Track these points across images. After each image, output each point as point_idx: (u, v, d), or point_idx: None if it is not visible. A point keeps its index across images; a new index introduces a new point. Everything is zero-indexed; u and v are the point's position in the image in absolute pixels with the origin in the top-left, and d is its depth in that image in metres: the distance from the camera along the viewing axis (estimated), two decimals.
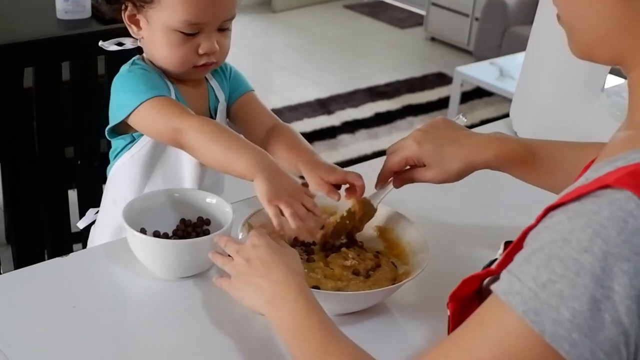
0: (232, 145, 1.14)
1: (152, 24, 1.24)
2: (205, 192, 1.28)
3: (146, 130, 1.24)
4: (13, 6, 2.47)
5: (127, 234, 1.16)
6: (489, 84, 3.75)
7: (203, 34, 1.24)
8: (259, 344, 1.06)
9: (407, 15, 5.85)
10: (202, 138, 1.16)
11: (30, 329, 1.06)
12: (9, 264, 2.02)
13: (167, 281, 1.17)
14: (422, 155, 1.14)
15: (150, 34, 1.26)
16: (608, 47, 0.81)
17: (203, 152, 1.18)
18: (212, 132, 1.17)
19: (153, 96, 1.21)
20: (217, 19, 1.23)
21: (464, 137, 1.15)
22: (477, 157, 1.12)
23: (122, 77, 1.27)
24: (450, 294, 0.88)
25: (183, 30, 1.22)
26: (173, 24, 1.22)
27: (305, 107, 4.16)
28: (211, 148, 1.16)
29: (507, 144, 1.14)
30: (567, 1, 0.82)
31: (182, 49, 1.24)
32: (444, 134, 1.15)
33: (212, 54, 1.25)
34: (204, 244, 1.15)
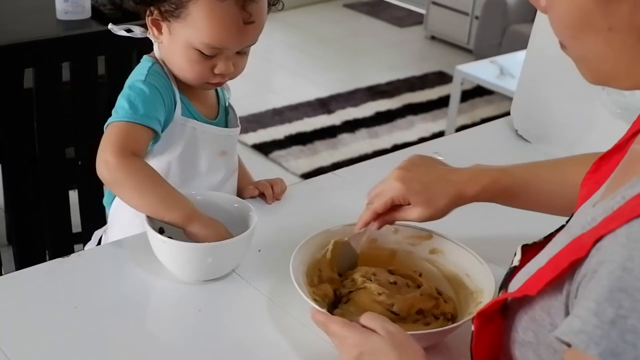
0: (165, 196, 1.19)
1: (174, 37, 1.25)
2: (227, 194, 1.30)
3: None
4: (13, 7, 2.46)
5: (149, 237, 1.16)
6: (490, 82, 3.75)
7: (222, 55, 1.25)
8: (277, 350, 1.05)
9: (407, 14, 5.85)
10: (134, 183, 1.18)
11: (32, 329, 1.06)
12: (10, 265, 2.02)
13: (168, 282, 1.17)
14: (409, 195, 1.11)
15: (170, 45, 1.26)
16: (628, 78, 0.77)
17: (130, 195, 1.20)
18: (146, 179, 1.19)
19: (137, 122, 1.21)
20: (239, 46, 1.25)
21: (448, 173, 1.14)
22: (465, 192, 1.11)
23: (136, 87, 1.25)
24: (477, 312, 0.87)
25: (204, 51, 1.23)
26: (194, 43, 1.22)
27: (305, 106, 4.16)
28: (143, 195, 1.18)
29: (492, 174, 1.13)
30: (581, 41, 0.78)
31: (199, 66, 1.25)
32: (426, 171, 1.14)
33: (227, 75, 1.27)
34: (224, 248, 1.16)
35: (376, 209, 1.14)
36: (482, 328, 0.86)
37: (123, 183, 1.19)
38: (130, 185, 1.19)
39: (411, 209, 1.12)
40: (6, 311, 1.10)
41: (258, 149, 3.66)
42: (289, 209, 1.39)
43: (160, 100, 1.25)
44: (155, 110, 1.24)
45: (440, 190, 1.11)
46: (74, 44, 1.88)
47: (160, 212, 1.18)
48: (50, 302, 1.11)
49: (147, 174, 1.20)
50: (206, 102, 1.36)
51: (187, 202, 1.20)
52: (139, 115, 1.22)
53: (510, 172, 1.14)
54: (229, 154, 1.37)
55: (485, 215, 1.28)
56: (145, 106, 1.23)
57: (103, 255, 1.25)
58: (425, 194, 1.11)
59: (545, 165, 1.18)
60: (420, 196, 1.11)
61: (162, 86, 1.27)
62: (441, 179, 1.13)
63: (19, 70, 1.80)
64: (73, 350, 1.03)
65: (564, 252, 0.76)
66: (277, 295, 1.14)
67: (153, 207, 1.18)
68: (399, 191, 1.11)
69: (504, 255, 1.05)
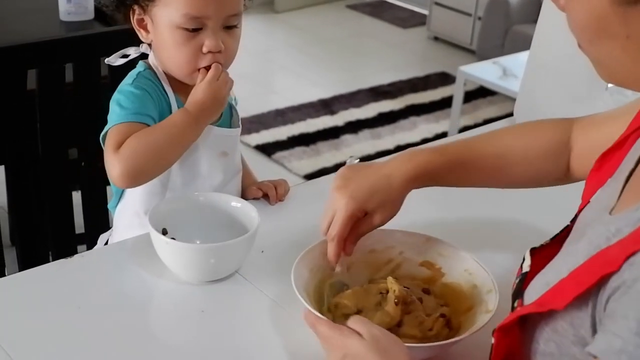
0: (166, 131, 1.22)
1: (157, 24, 1.25)
2: (230, 195, 1.29)
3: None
4: (16, 8, 2.47)
5: (153, 238, 1.16)
6: (492, 83, 3.75)
7: (207, 30, 1.23)
8: (280, 351, 1.05)
9: (410, 15, 5.85)
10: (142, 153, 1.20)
11: (35, 330, 1.06)
12: (14, 266, 2.02)
13: (171, 283, 1.17)
14: (362, 205, 1.08)
15: (157, 36, 1.26)
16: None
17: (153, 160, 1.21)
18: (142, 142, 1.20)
19: (129, 120, 1.22)
20: (220, 14, 1.23)
21: (380, 167, 1.11)
22: (404, 175, 1.08)
23: (124, 90, 1.27)
24: (498, 325, 0.85)
25: (186, 26, 1.22)
26: (176, 20, 1.22)
27: (308, 107, 4.16)
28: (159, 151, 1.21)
29: (424, 155, 1.10)
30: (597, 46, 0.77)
31: (187, 48, 1.24)
32: (362, 176, 1.10)
33: (216, 52, 1.25)
34: (227, 249, 1.15)
35: (341, 235, 1.08)
36: (501, 341, 0.85)
37: (136, 162, 1.19)
38: (144, 156, 1.20)
39: (371, 217, 1.09)
40: (9, 312, 1.10)
41: (261, 149, 3.66)
42: (292, 210, 1.39)
43: (149, 98, 1.26)
44: (146, 108, 1.25)
45: (384, 187, 1.08)
46: (77, 45, 1.88)
47: (182, 139, 1.24)
48: (53, 303, 1.11)
49: (139, 139, 1.20)
50: None
51: (180, 111, 1.24)
52: (130, 113, 1.23)
53: (444, 151, 1.12)
54: (230, 154, 1.37)
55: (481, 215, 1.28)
56: (134, 105, 1.24)
57: (106, 256, 1.25)
58: (376, 197, 1.08)
59: (480, 140, 1.15)
60: (373, 202, 1.08)
61: (151, 88, 1.27)
62: (378, 176, 1.09)
63: (22, 71, 1.80)
64: (76, 351, 1.03)
65: (590, 265, 0.75)
66: (280, 296, 1.14)
67: (174, 143, 1.23)
68: (351, 206, 1.07)
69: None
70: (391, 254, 1.17)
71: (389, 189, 1.09)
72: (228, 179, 1.38)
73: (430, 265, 1.15)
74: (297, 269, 1.08)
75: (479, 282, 1.09)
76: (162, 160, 1.22)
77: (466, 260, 1.13)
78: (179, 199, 1.27)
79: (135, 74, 1.29)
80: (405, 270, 1.16)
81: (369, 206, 1.09)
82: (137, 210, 1.33)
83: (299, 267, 1.09)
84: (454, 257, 1.14)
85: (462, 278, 1.12)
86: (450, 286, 1.13)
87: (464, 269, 1.12)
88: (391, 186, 1.09)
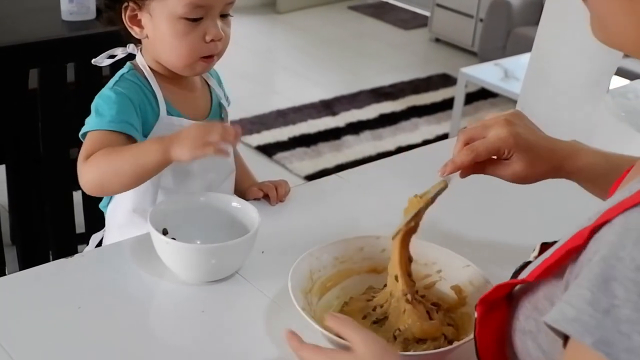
0: (133, 157, 1.18)
1: (156, 17, 1.24)
2: (231, 195, 1.29)
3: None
4: (18, 7, 2.47)
5: (153, 238, 1.16)
6: (494, 85, 3.75)
7: (207, 19, 1.24)
8: (280, 352, 1.05)
9: (411, 16, 5.85)
10: (104, 170, 1.18)
11: (35, 330, 1.06)
12: (14, 265, 2.02)
13: (172, 283, 1.17)
14: (516, 149, 1.04)
15: (155, 29, 1.26)
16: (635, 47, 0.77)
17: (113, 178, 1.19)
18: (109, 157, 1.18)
19: (107, 129, 1.22)
20: (222, 1, 1.24)
21: (551, 140, 1.08)
22: (567, 164, 1.06)
23: (104, 95, 1.26)
24: (480, 298, 0.86)
25: (188, 16, 1.23)
26: (178, 11, 1.22)
27: (309, 108, 4.16)
28: (120, 173, 1.18)
29: (593, 156, 1.08)
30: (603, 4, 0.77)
31: (189, 37, 1.24)
32: (531, 130, 1.07)
33: (218, 40, 1.26)
34: (228, 249, 1.15)
35: (479, 154, 1.04)
36: (486, 316, 0.85)
37: (98, 178, 1.19)
38: (105, 175, 1.19)
39: (509, 164, 1.05)
40: (9, 311, 1.10)
41: (262, 150, 3.66)
42: (292, 211, 1.39)
43: (129, 104, 1.24)
44: (125, 114, 1.23)
45: (546, 154, 1.05)
46: (78, 44, 1.89)
47: (143, 171, 1.18)
48: (53, 303, 1.11)
49: (105, 157, 1.19)
50: (195, 103, 1.35)
51: (153, 141, 1.19)
52: (106, 121, 1.22)
53: (610, 159, 1.09)
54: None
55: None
56: (110, 112, 1.23)
57: (106, 255, 1.25)
58: (532, 153, 1.04)
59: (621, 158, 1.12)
60: (526, 154, 1.04)
61: (133, 92, 1.26)
62: (546, 143, 1.06)
63: (24, 71, 1.81)
64: (76, 351, 1.03)
65: (565, 242, 0.76)
66: (280, 296, 1.14)
67: (134, 173, 1.18)
68: (507, 142, 1.03)
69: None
70: (430, 270, 1.15)
71: (546, 162, 1.06)
72: (221, 178, 1.37)
73: (459, 291, 1.12)
74: (296, 271, 1.08)
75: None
76: (121, 183, 1.20)
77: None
78: (180, 199, 1.27)
79: (118, 76, 1.29)
80: (436, 289, 1.14)
81: (519, 156, 1.04)
82: (129, 209, 1.33)
83: (298, 270, 1.09)
84: (482, 288, 1.09)
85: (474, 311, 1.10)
86: (467, 316, 1.10)
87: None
88: (549, 162, 1.06)
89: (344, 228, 1.33)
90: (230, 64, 1.65)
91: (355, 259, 1.16)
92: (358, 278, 1.15)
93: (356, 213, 1.42)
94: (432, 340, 1.02)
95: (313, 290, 1.10)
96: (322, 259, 1.13)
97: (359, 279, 1.15)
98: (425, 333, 1.01)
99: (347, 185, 1.50)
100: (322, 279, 1.12)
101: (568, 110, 1.65)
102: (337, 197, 1.46)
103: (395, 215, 1.26)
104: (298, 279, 1.08)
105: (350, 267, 1.15)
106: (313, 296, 1.10)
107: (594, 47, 1.60)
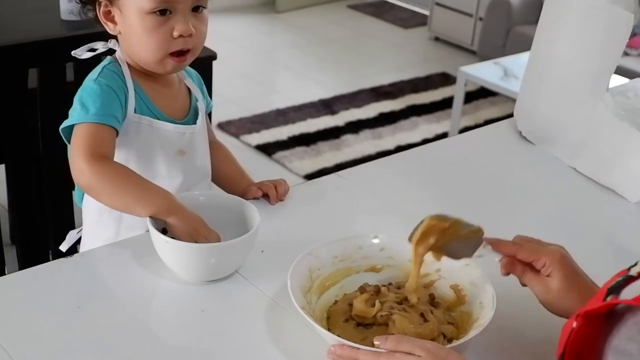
0: (140, 192, 1.19)
1: (125, 13, 1.24)
2: (230, 195, 1.29)
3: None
4: (17, 7, 2.47)
5: (152, 237, 1.16)
6: (493, 83, 3.75)
7: (177, 15, 1.23)
8: (280, 351, 1.05)
9: (411, 15, 5.85)
10: (108, 185, 1.18)
11: (34, 329, 1.06)
12: (14, 264, 2.03)
13: (172, 283, 1.17)
14: (558, 269, 1.03)
15: (125, 25, 1.26)
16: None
17: (109, 198, 1.20)
18: (119, 179, 1.19)
19: (94, 121, 1.21)
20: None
21: (592, 283, 1.05)
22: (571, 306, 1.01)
23: (87, 87, 1.26)
24: (584, 311, 0.83)
25: (155, 9, 1.22)
26: (145, 6, 1.22)
27: (309, 107, 4.16)
28: (118, 195, 1.18)
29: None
30: None
31: (157, 33, 1.23)
32: (578, 267, 1.06)
33: (187, 36, 1.25)
34: (228, 249, 1.15)
35: (523, 249, 1.05)
36: (582, 328, 0.83)
37: (98, 188, 1.19)
38: (106, 189, 1.19)
39: (547, 280, 1.04)
40: (9, 311, 1.10)
41: (261, 149, 3.66)
42: (292, 210, 1.39)
43: (114, 96, 1.25)
44: (110, 107, 1.23)
45: (583, 288, 1.03)
46: (78, 44, 1.88)
47: (137, 209, 1.18)
48: (53, 302, 1.11)
49: (119, 174, 1.20)
50: (174, 102, 1.35)
51: (165, 196, 1.19)
52: (93, 115, 1.22)
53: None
54: (189, 154, 1.34)
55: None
56: (96, 105, 1.22)
57: (106, 255, 1.25)
58: (571, 280, 1.03)
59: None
60: (565, 278, 1.03)
61: (115, 84, 1.26)
62: (588, 280, 1.04)
63: (23, 70, 1.81)
64: (76, 350, 1.03)
65: None
66: (280, 296, 1.14)
67: (130, 205, 1.19)
68: (552, 256, 1.03)
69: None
70: (429, 268, 1.14)
71: (584, 290, 1.02)
72: (190, 182, 1.35)
73: (457, 290, 1.12)
74: (295, 270, 1.08)
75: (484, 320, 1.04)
76: (109, 203, 1.21)
77: (487, 293, 1.08)
78: (179, 198, 1.27)
79: (100, 68, 1.29)
80: (435, 288, 1.14)
81: (560, 275, 1.03)
82: (99, 207, 1.30)
83: (297, 269, 1.09)
84: (481, 287, 1.09)
85: (475, 310, 1.08)
86: (466, 315, 1.09)
87: (479, 301, 1.08)
88: (587, 293, 1.01)
89: (343, 227, 1.33)
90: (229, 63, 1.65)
91: (354, 257, 1.16)
92: (357, 277, 1.15)
93: (356, 212, 1.42)
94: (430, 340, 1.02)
95: (312, 289, 1.10)
96: (321, 257, 1.13)
97: (358, 278, 1.15)
98: (420, 336, 1.00)
99: (347, 184, 1.50)
100: (321, 277, 1.12)
101: (567, 109, 1.65)
102: (337, 196, 1.46)
103: (394, 214, 1.27)
104: (297, 278, 1.08)
105: (349, 265, 1.15)
106: (312, 295, 1.10)
107: (593, 46, 1.60)
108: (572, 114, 1.64)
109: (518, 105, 1.78)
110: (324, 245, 1.15)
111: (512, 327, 1.09)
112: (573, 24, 1.59)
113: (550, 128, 1.68)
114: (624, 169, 1.52)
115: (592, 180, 1.57)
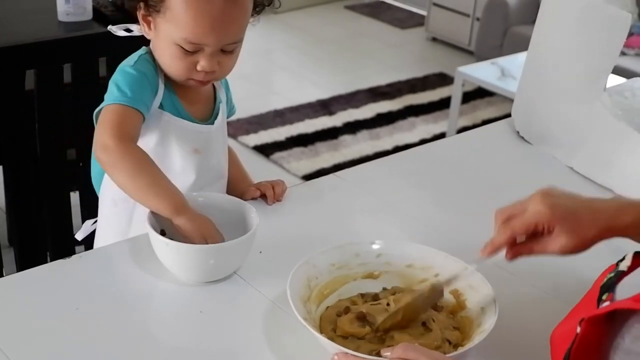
0: (155, 182, 1.19)
1: (158, 32, 1.27)
2: (229, 196, 1.29)
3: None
4: (14, 8, 2.47)
5: (151, 239, 1.16)
6: (491, 84, 3.75)
7: (204, 52, 1.25)
8: (278, 352, 1.05)
9: (408, 16, 5.85)
10: (128, 166, 1.19)
11: (33, 331, 1.06)
12: (11, 266, 2.02)
13: (170, 284, 1.17)
14: (555, 220, 0.98)
15: (156, 40, 1.28)
16: None
17: (124, 179, 1.20)
18: (140, 163, 1.20)
19: (127, 104, 1.23)
20: (219, 43, 1.24)
21: (593, 201, 1.02)
22: (616, 223, 0.99)
23: (124, 71, 1.28)
24: (587, 317, 0.82)
25: (183, 46, 1.24)
26: (175, 39, 1.24)
27: (306, 107, 4.16)
28: (135, 178, 1.19)
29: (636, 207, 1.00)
30: None
31: (181, 62, 1.26)
32: (569, 197, 1.02)
33: (210, 72, 1.27)
34: (226, 250, 1.15)
35: (515, 231, 1.01)
36: (587, 332, 0.82)
37: (118, 166, 1.20)
38: (124, 169, 1.19)
39: (554, 238, 0.99)
40: (7, 312, 1.10)
41: (259, 150, 3.66)
42: (290, 211, 1.39)
43: (147, 84, 1.27)
44: (143, 94, 1.25)
45: (588, 217, 0.99)
46: (75, 45, 1.89)
47: (148, 198, 1.19)
48: (51, 304, 1.11)
49: (141, 158, 1.21)
50: (200, 103, 1.36)
51: (178, 194, 1.20)
52: (127, 98, 1.23)
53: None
54: (204, 153, 1.35)
55: None
56: (132, 89, 1.24)
57: (104, 256, 1.25)
58: (572, 220, 0.99)
59: None
60: (567, 223, 0.98)
61: (150, 73, 1.28)
62: (587, 206, 1.01)
63: (21, 72, 1.81)
64: (74, 352, 1.03)
65: None
66: (279, 296, 1.13)
67: (143, 192, 1.19)
68: (543, 215, 0.99)
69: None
70: (427, 273, 1.14)
71: (592, 226, 0.99)
72: (203, 181, 1.35)
73: (457, 295, 1.11)
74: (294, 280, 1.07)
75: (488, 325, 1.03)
76: (122, 184, 1.21)
77: (487, 297, 1.07)
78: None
79: (137, 55, 1.30)
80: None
81: (561, 227, 0.99)
82: (114, 197, 1.33)
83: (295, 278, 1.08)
84: (481, 292, 1.09)
85: (477, 315, 1.07)
86: (467, 320, 1.08)
87: (480, 306, 1.07)
88: (595, 224, 0.99)
89: (341, 227, 1.33)
90: None
91: (352, 264, 1.15)
92: (355, 284, 1.15)
93: (354, 212, 1.42)
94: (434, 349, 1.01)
95: (311, 298, 1.09)
96: (319, 266, 1.12)
97: (356, 285, 1.15)
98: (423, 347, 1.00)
99: (345, 185, 1.50)
100: (319, 286, 1.12)
101: (565, 108, 1.65)
102: (335, 197, 1.46)
103: (392, 214, 1.27)
104: (296, 287, 1.07)
105: (346, 273, 1.15)
106: (312, 304, 1.09)
107: (591, 45, 1.60)
108: (569, 113, 1.64)
109: (515, 105, 1.78)
110: (320, 253, 1.14)
111: (512, 327, 1.09)
112: (570, 24, 1.59)
113: (548, 128, 1.68)
114: (621, 169, 1.53)
115: (589, 180, 1.57)
